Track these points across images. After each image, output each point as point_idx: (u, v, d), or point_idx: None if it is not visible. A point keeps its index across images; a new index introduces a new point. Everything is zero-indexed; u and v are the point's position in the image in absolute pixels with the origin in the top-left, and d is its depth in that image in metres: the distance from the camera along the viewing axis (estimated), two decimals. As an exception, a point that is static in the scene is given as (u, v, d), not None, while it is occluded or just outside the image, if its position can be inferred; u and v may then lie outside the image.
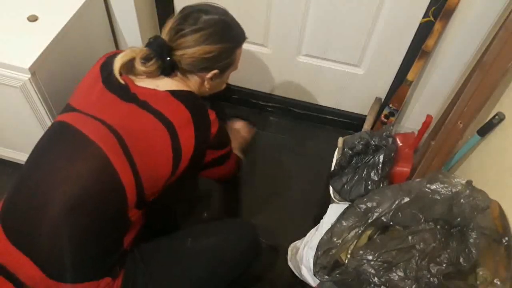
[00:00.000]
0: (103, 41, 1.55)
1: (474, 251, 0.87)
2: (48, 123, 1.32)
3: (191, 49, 0.96)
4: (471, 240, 0.89)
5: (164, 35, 0.98)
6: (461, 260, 0.88)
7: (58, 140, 0.94)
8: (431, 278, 0.87)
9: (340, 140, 1.36)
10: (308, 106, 1.82)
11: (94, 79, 0.99)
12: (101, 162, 0.88)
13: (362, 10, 1.39)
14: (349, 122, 1.81)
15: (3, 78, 1.19)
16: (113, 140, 0.89)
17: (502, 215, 0.94)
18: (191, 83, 1.03)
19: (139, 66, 0.94)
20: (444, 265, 0.88)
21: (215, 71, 1.02)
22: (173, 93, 0.96)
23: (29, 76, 1.18)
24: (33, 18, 1.29)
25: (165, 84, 0.98)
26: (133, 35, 1.57)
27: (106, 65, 0.99)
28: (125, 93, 0.95)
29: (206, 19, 0.97)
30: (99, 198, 0.89)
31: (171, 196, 1.03)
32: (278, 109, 1.86)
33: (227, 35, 1.01)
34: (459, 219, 0.94)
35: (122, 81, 0.95)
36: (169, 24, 0.99)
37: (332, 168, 1.33)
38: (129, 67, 0.97)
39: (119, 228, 0.95)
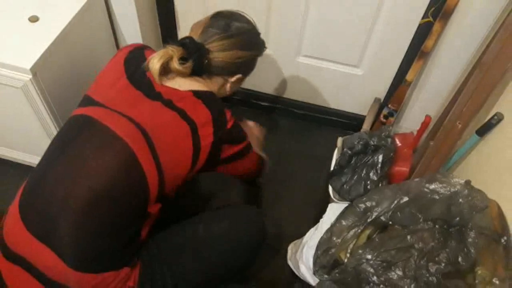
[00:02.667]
0: (104, 42, 1.55)
1: (472, 251, 0.88)
2: (50, 123, 1.32)
3: (224, 52, 1.01)
4: (470, 240, 0.89)
5: (197, 37, 1.01)
6: (459, 259, 0.88)
7: (84, 134, 0.95)
8: (430, 277, 0.87)
9: (339, 140, 1.37)
10: (307, 107, 1.82)
11: (117, 74, 1.01)
12: (129, 158, 0.91)
13: (361, 10, 1.39)
14: (348, 122, 1.81)
15: (4, 79, 1.20)
16: (140, 137, 0.92)
17: (500, 214, 0.95)
18: (212, 85, 1.06)
19: (176, 66, 0.97)
20: (443, 264, 0.88)
21: (239, 75, 1.09)
22: (195, 93, 1.00)
23: (31, 76, 1.18)
24: (34, 19, 1.29)
25: (188, 84, 1.01)
26: (134, 36, 1.57)
27: (131, 61, 1.02)
28: (150, 91, 0.98)
29: (238, 26, 1.04)
30: (124, 192, 0.92)
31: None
32: (277, 109, 1.86)
33: (255, 43, 1.10)
34: (457, 218, 0.94)
35: (159, 83, 0.98)
36: (201, 26, 1.03)
37: (332, 168, 1.33)
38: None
39: (138, 221, 0.98)
